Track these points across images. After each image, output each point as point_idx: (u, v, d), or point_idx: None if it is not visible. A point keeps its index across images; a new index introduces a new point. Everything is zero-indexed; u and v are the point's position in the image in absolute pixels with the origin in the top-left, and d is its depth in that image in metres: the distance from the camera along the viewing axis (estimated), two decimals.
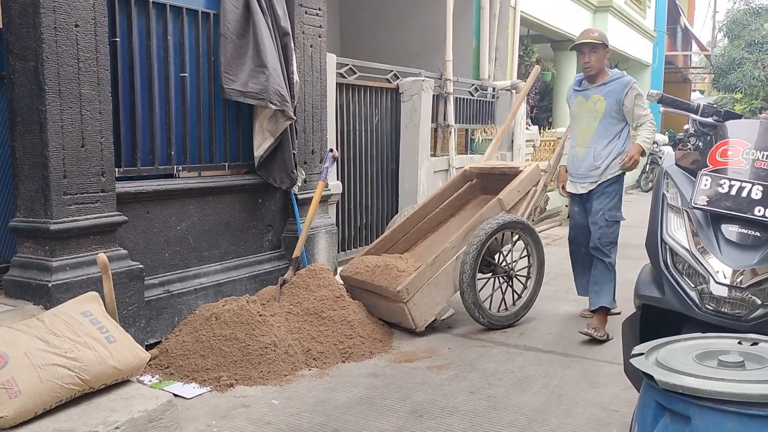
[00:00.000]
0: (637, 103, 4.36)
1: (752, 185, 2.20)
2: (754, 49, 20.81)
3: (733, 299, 2.13)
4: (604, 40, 4.39)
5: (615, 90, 4.35)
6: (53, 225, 3.16)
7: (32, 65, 3.11)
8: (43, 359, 2.56)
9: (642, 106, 4.37)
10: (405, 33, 8.75)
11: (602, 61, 4.41)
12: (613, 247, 4.39)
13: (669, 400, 1.58)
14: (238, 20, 4.05)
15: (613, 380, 3.50)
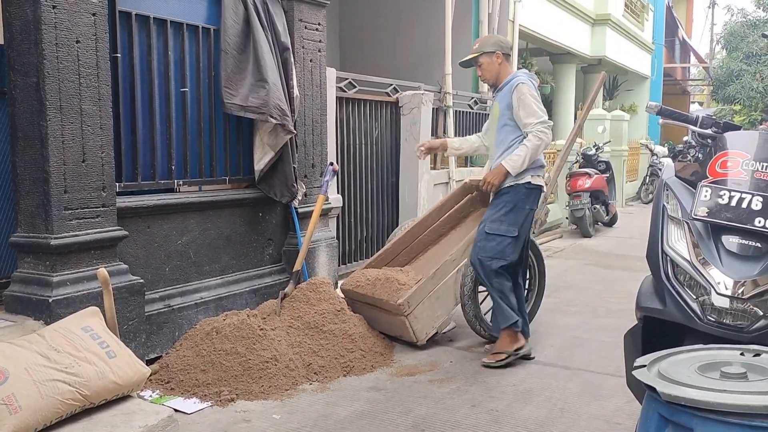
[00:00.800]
0: (522, 106, 3.85)
1: (752, 196, 2.21)
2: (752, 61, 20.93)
3: (735, 310, 2.13)
4: (484, 48, 4.04)
5: (505, 93, 3.96)
6: (54, 240, 3.16)
7: (33, 81, 3.13)
8: (44, 375, 2.55)
9: (529, 110, 3.84)
10: (404, 47, 8.79)
11: (493, 67, 4.03)
12: (493, 267, 3.85)
13: (672, 412, 1.58)
14: (238, 35, 4.08)
15: (615, 393, 3.49)
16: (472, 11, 8.44)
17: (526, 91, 3.85)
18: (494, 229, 3.89)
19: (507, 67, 4.09)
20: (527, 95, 3.85)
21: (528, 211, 3.93)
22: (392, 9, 8.95)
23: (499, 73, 4.05)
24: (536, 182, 3.94)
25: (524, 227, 3.94)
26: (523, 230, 3.94)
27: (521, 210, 3.90)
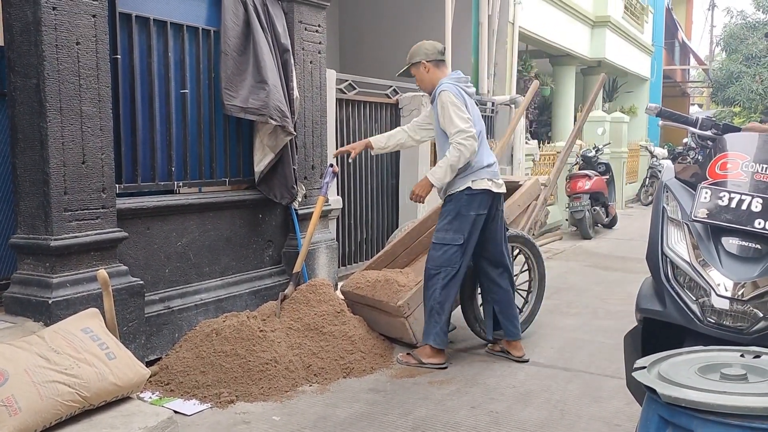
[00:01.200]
0: (443, 115, 3.80)
1: (752, 198, 2.21)
2: (752, 63, 20.95)
3: (735, 312, 2.13)
4: (411, 60, 4.04)
5: (434, 101, 3.93)
6: (54, 241, 3.16)
7: (33, 82, 3.13)
8: (43, 376, 2.55)
9: (448, 120, 3.78)
10: (404, 48, 8.75)
11: (424, 77, 4.01)
12: (440, 277, 3.83)
13: (672, 414, 1.58)
14: (238, 37, 4.08)
15: (615, 395, 3.49)
16: (472, 13, 8.45)
17: (446, 100, 3.80)
18: (440, 239, 3.88)
19: (436, 74, 4.01)
20: (447, 104, 3.79)
21: (474, 217, 3.84)
22: (392, 11, 8.96)
23: (432, 81, 4.00)
24: (478, 186, 3.84)
25: (472, 233, 3.86)
26: (471, 236, 3.86)
27: (465, 217, 3.83)
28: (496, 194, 3.94)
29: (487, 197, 3.89)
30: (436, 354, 3.93)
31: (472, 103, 3.98)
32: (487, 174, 3.89)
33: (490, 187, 3.88)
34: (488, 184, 3.88)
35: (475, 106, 4.01)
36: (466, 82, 4.00)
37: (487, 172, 3.90)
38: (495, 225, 3.99)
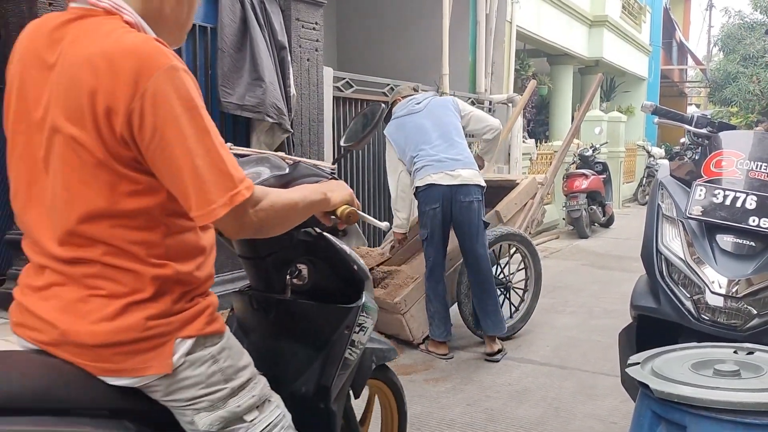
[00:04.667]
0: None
1: (746, 195, 2.21)
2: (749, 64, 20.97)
3: (729, 309, 2.13)
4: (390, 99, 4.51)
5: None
6: None
7: None
8: None
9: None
10: (402, 47, 8.80)
11: None
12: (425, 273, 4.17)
13: (665, 410, 1.58)
14: (235, 34, 4.08)
15: (610, 392, 3.49)
16: (470, 12, 8.45)
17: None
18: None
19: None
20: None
21: (429, 212, 4.01)
22: (390, 9, 8.95)
23: None
24: (422, 183, 4.01)
25: (433, 228, 4.01)
26: (434, 231, 4.02)
27: (423, 213, 4.06)
28: (451, 186, 3.96)
29: (435, 191, 3.96)
30: (439, 346, 4.07)
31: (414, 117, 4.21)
32: (432, 169, 3.99)
33: (436, 181, 3.96)
34: (432, 179, 3.97)
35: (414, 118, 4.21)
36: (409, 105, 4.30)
37: (431, 168, 3.99)
38: (462, 217, 4.01)
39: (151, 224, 1.29)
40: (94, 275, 1.27)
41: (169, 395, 1.33)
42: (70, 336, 1.26)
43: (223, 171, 1.24)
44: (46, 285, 1.30)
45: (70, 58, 1.24)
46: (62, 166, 1.25)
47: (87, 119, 1.21)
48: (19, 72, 1.32)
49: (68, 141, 1.23)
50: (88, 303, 1.27)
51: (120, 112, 1.20)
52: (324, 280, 1.83)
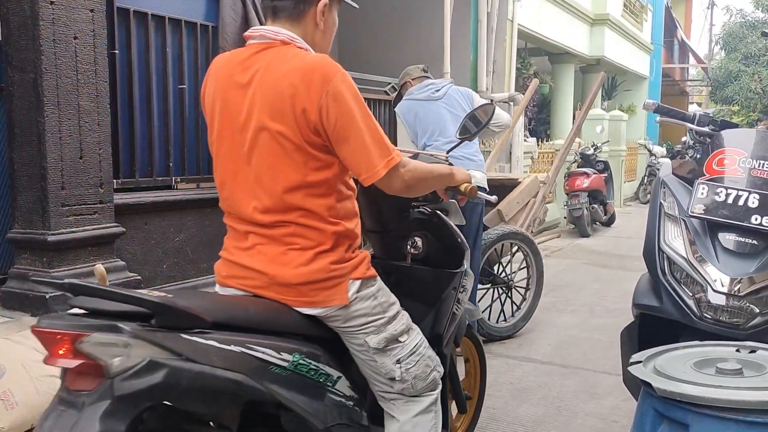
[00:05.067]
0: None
1: (749, 194, 2.21)
2: (751, 62, 20.96)
3: (731, 308, 2.13)
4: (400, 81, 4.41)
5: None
6: (51, 236, 3.15)
7: (31, 77, 3.13)
8: (41, 371, 2.55)
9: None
10: (403, 46, 8.79)
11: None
12: None
13: (667, 408, 1.58)
14: (236, 33, 4.07)
15: (612, 391, 3.49)
16: (471, 10, 8.44)
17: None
18: None
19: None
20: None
21: None
22: (391, 7, 8.94)
23: None
24: None
25: None
26: None
27: None
28: None
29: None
30: None
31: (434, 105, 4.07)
32: None
33: None
34: None
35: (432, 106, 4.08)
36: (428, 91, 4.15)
37: None
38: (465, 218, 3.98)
39: (329, 191, 1.79)
40: (290, 234, 1.77)
41: (346, 322, 1.83)
42: (278, 279, 1.76)
43: (381, 143, 1.74)
44: (251, 245, 1.81)
45: (269, 76, 1.73)
46: (267, 154, 1.75)
47: (289, 117, 1.71)
48: (219, 92, 1.83)
49: (273, 134, 1.72)
50: (287, 255, 1.77)
51: (312, 109, 1.69)
52: (434, 250, 2.24)
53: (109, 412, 1.38)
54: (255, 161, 1.77)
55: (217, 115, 1.84)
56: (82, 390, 1.41)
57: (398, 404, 1.93)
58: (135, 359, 1.42)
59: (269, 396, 1.65)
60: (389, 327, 1.88)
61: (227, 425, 1.68)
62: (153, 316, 1.48)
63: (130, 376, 1.40)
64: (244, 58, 1.81)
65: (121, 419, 1.39)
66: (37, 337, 1.44)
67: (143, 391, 1.42)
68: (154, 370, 1.43)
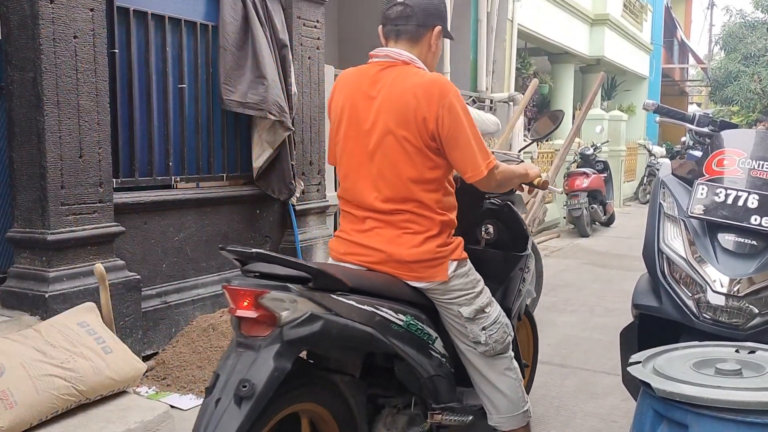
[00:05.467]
0: None
1: (748, 194, 2.21)
2: (750, 63, 20.96)
3: (731, 308, 2.13)
4: None
5: None
6: (50, 235, 3.15)
7: (31, 76, 3.12)
8: (40, 370, 2.55)
9: None
10: None
11: None
12: None
13: (666, 408, 1.58)
14: (237, 32, 4.07)
15: (611, 391, 3.49)
16: (471, 10, 8.44)
17: None
18: None
19: None
20: None
21: None
22: None
23: None
24: None
25: None
26: None
27: None
28: None
29: None
30: None
31: None
32: None
33: None
34: None
35: None
36: None
37: None
38: None
39: (438, 187, 2.19)
40: (405, 220, 2.16)
41: (444, 295, 2.23)
42: (394, 256, 2.15)
43: (482, 149, 2.16)
44: (369, 228, 2.20)
45: (395, 90, 2.12)
46: (390, 153, 2.14)
47: (411, 124, 2.10)
48: (348, 101, 2.22)
49: (398, 138, 2.12)
50: (402, 238, 2.16)
51: (431, 118, 2.09)
52: (503, 235, 2.64)
53: (279, 353, 1.79)
54: (378, 159, 2.16)
55: (344, 119, 2.23)
56: (258, 336, 1.81)
57: (481, 363, 2.32)
58: (299, 312, 1.84)
59: (390, 347, 2.07)
60: (477, 300, 2.27)
61: (351, 373, 2.15)
62: (311, 279, 1.90)
63: (296, 325, 1.82)
64: (373, 74, 2.20)
65: (287, 359, 1.80)
66: (228, 293, 1.87)
67: (305, 338, 1.84)
68: (314, 322, 1.86)
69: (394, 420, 2.27)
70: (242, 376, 1.74)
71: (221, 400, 1.75)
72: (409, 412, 2.28)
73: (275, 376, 1.75)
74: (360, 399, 2.14)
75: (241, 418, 1.69)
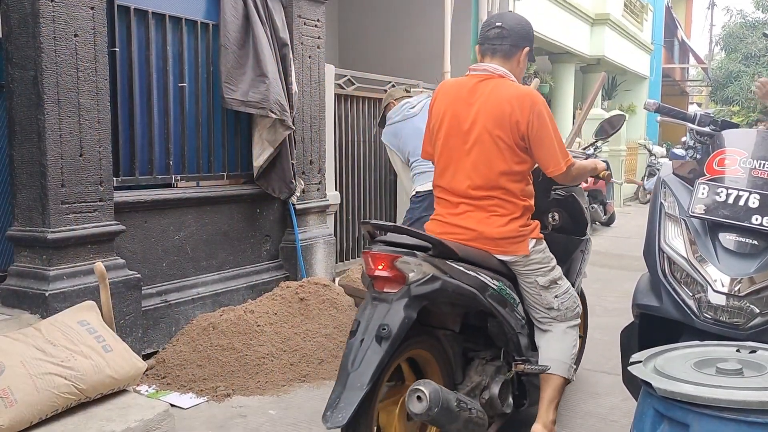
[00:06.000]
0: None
1: (749, 194, 2.21)
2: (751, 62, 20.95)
3: (731, 308, 2.13)
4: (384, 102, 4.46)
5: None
6: (51, 234, 3.15)
7: (31, 74, 3.12)
8: (40, 368, 2.55)
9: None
10: (403, 44, 8.78)
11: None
12: None
13: (667, 408, 1.58)
14: (238, 31, 4.07)
15: (611, 391, 3.49)
16: (472, 9, 8.44)
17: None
18: None
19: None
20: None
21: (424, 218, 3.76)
22: (392, 6, 8.94)
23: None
24: (420, 190, 3.90)
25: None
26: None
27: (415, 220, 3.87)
28: None
29: (424, 198, 3.84)
30: None
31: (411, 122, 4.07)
32: (422, 179, 3.88)
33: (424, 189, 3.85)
34: (423, 187, 3.86)
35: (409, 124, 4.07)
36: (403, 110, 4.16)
37: (422, 177, 3.89)
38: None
39: (522, 178, 2.62)
40: (493, 205, 2.58)
41: (525, 267, 2.65)
42: (485, 234, 2.57)
43: (562, 148, 2.59)
44: (463, 212, 2.61)
45: (492, 98, 2.55)
46: (486, 150, 2.56)
47: (506, 126, 2.53)
48: (449, 107, 2.65)
49: (493, 137, 2.54)
50: (490, 219, 2.58)
51: (523, 123, 2.52)
52: (566, 222, 3.12)
53: (407, 305, 2.25)
54: (474, 154, 2.58)
55: (445, 122, 2.66)
56: (390, 291, 2.28)
57: (550, 326, 2.73)
58: (423, 274, 2.30)
59: (488, 306, 2.51)
60: (551, 273, 2.69)
61: (452, 329, 2.61)
62: (431, 248, 2.37)
63: (420, 284, 2.29)
64: (471, 85, 2.64)
65: (413, 310, 2.27)
66: (368, 257, 2.30)
67: (427, 294, 2.31)
68: (434, 281, 2.32)
69: (484, 369, 2.66)
70: (381, 321, 2.20)
71: (365, 339, 2.20)
72: (497, 362, 2.68)
73: (406, 322, 2.22)
74: (457, 350, 2.61)
75: (381, 353, 2.16)
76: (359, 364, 2.16)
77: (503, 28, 2.65)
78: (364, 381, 2.12)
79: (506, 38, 2.65)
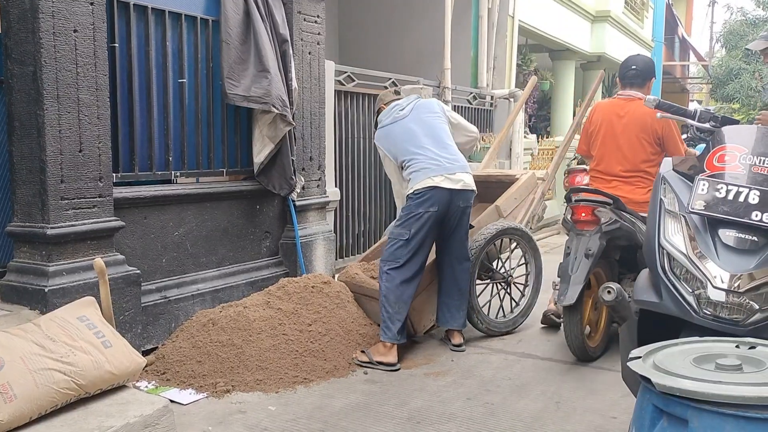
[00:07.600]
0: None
1: (749, 190, 2.21)
2: (751, 60, 20.90)
3: (731, 304, 2.13)
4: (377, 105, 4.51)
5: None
6: (50, 230, 3.15)
7: (31, 70, 3.12)
8: (39, 364, 2.55)
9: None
10: (404, 41, 8.78)
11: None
12: (383, 269, 3.91)
13: (666, 403, 1.58)
14: (239, 26, 4.07)
15: (611, 387, 3.49)
16: (472, 6, 8.44)
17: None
18: (391, 233, 4.02)
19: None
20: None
21: (423, 214, 3.86)
22: (392, 3, 8.93)
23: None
24: (421, 186, 3.88)
25: (419, 230, 3.85)
26: (418, 233, 3.85)
27: (414, 215, 3.87)
28: (452, 190, 3.89)
29: (437, 194, 3.86)
30: (388, 352, 3.81)
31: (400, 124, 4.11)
32: (431, 172, 3.89)
33: (438, 184, 3.87)
34: (434, 181, 3.87)
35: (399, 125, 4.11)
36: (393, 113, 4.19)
37: (430, 171, 3.90)
38: (456, 221, 3.98)
39: (655, 164, 3.89)
40: (637, 180, 4.06)
41: None
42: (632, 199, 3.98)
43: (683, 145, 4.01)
44: (614, 186, 4.06)
45: (637, 113, 4.02)
46: (633, 146, 4.04)
47: (649, 131, 4.01)
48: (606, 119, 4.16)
49: (639, 138, 4.02)
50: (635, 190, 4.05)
51: (659, 129, 3.99)
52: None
53: (600, 237, 3.67)
54: (624, 149, 4.04)
55: (602, 129, 4.14)
56: (588, 230, 3.73)
57: None
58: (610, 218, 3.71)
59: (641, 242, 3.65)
60: None
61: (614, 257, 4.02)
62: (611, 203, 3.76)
63: (609, 224, 3.71)
64: (621, 105, 4.12)
65: (603, 241, 3.69)
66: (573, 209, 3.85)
67: (611, 231, 3.72)
68: (615, 224, 3.73)
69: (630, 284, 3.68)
70: (586, 246, 3.67)
71: (577, 257, 3.67)
72: None
73: (600, 247, 3.67)
74: (614, 272, 4.06)
75: (589, 264, 3.64)
76: (576, 270, 3.62)
77: (637, 69, 4.14)
78: (581, 279, 3.60)
79: (639, 76, 4.14)
